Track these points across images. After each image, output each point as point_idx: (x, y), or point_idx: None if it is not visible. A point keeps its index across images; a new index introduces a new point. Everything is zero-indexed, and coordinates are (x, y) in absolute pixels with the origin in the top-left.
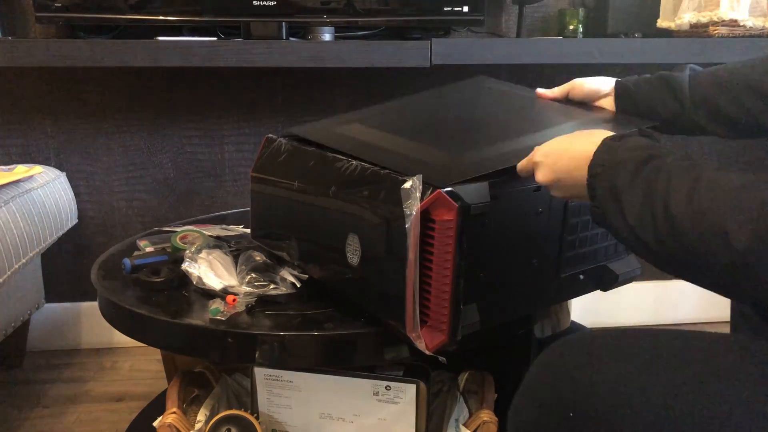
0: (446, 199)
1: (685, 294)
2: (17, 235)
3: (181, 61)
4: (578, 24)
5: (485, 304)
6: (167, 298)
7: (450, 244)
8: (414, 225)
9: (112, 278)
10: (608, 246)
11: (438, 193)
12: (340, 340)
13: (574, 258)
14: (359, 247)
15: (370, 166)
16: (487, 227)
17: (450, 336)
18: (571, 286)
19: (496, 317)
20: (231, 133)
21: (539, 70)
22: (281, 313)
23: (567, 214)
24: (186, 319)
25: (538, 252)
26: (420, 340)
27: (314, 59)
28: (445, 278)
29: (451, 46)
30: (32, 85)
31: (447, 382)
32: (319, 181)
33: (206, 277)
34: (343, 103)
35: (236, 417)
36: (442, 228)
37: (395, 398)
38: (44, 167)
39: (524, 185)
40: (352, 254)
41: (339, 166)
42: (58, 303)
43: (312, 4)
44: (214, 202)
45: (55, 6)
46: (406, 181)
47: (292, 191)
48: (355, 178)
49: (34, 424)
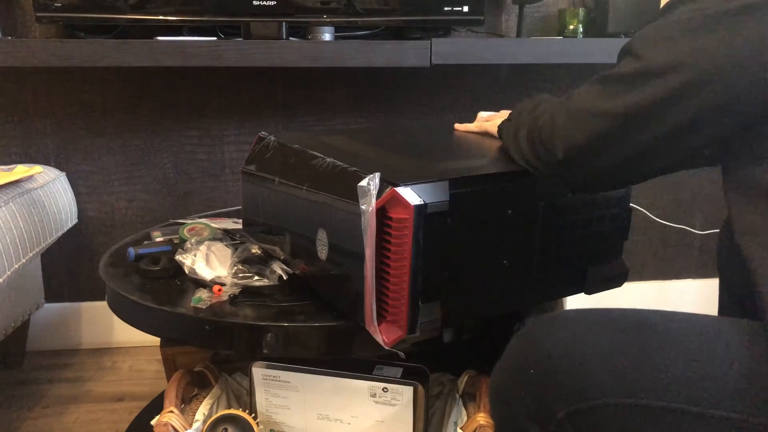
0: (401, 198)
1: (685, 294)
2: (17, 235)
3: (181, 61)
4: (578, 24)
5: (450, 302)
6: (162, 286)
7: (406, 242)
8: (370, 222)
9: (118, 266)
10: (592, 249)
11: (392, 191)
12: (310, 333)
13: (551, 260)
14: (327, 242)
15: (341, 164)
16: (450, 226)
17: (408, 332)
18: (550, 287)
19: (465, 316)
20: (231, 133)
21: (539, 70)
22: (262, 303)
23: (541, 216)
24: (170, 306)
25: (508, 253)
26: (378, 335)
27: (314, 59)
28: (402, 275)
29: (451, 46)
30: (32, 85)
31: (447, 384)
32: (296, 177)
33: (198, 267)
34: (343, 103)
35: (234, 417)
36: (399, 226)
37: (392, 400)
38: (44, 167)
39: (489, 185)
40: (322, 249)
41: (314, 163)
42: (58, 303)
43: (312, 4)
44: (214, 202)
45: (55, 6)
46: (363, 179)
47: (274, 186)
48: (326, 174)
49: (34, 424)
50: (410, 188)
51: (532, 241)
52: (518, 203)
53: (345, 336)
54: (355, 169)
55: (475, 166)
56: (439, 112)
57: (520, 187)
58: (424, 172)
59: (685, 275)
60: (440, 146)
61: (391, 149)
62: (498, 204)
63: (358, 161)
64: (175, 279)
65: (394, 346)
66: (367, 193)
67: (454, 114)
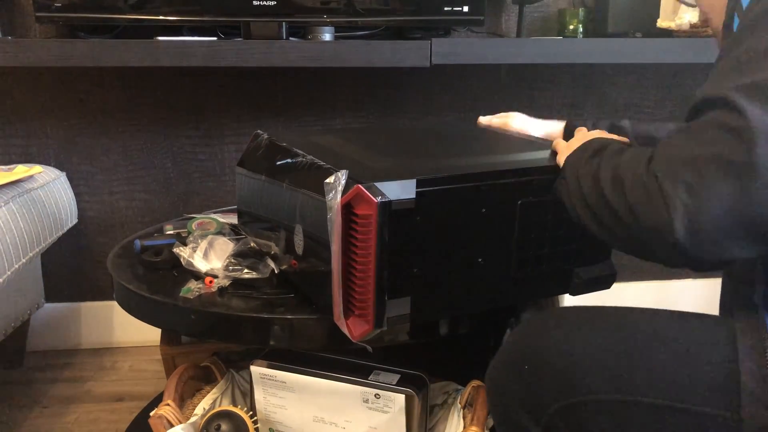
0: (365, 194)
1: (685, 294)
2: (17, 235)
3: (181, 61)
4: (578, 24)
5: (421, 298)
6: (159, 277)
7: (371, 238)
8: (336, 218)
9: (126, 257)
10: (577, 249)
11: (357, 188)
12: (288, 324)
13: (531, 259)
14: (302, 237)
15: (317, 161)
16: (418, 224)
17: (375, 326)
18: (530, 287)
19: (438, 312)
20: (231, 133)
21: (539, 70)
22: (248, 295)
23: (519, 215)
24: (161, 296)
25: (483, 251)
26: (345, 328)
27: (314, 59)
28: (368, 270)
29: (451, 46)
30: (32, 85)
31: (453, 394)
32: (279, 174)
33: (195, 259)
34: (343, 103)
35: (229, 413)
36: (364, 222)
37: (385, 407)
38: (44, 167)
39: (460, 184)
40: (299, 244)
41: (295, 160)
42: (58, 303)
43: (312, 4)
44: (214, 202)
45: (55, 6)
46: (330, 175)
47: (261, 183)
48: (303, 171)
49: (34, 424)
50: (376, 185)
51: (508, 241)
52: (493, 202)
53: (315, 329)
54: (328, 166)
55: (449, 165)
56: (439, 112)
57: (495, 186)
58: (394, 170)
59: (684, 275)
60: (423, 145)
61: (372, 148)
62: (471, 203)
63: (334, 159)
64: (173, 270)
65: (362, 340)
66: (333, 189)
67: (454, 114)
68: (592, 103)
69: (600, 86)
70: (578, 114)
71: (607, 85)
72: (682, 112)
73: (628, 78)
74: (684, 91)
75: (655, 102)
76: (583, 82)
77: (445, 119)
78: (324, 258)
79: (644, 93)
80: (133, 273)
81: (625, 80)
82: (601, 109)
